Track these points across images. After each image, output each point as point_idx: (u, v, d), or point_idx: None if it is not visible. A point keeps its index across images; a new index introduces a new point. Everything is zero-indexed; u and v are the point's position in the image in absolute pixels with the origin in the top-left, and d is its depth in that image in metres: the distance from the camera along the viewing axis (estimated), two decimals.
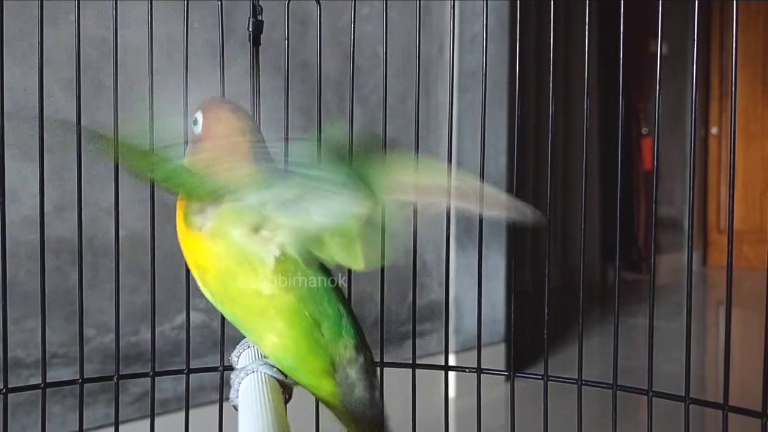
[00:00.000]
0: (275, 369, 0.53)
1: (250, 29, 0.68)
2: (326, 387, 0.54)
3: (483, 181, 0.70)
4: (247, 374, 0.52)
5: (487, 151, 1.63)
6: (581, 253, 0.67)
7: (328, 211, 0.50)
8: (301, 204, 0.50)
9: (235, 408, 0.51)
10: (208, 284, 0.53)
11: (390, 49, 1.45)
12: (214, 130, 0.54)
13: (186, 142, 0.57)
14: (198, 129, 0.55)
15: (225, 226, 0.50)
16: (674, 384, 0.65)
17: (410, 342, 0.71)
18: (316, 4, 0.70)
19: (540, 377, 0.69)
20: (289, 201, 0.50)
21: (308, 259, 0.52)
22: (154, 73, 0.65)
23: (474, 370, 0.70)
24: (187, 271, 0.66)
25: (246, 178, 0.51)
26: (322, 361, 0.53)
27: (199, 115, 0.55)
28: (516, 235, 0.70)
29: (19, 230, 1.01)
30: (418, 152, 0.70)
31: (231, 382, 0.54)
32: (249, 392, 0.48)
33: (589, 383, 0.67)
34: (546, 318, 0.68)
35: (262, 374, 0.52)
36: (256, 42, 0.68)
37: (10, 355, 0.99)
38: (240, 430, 0.43)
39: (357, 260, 0.53)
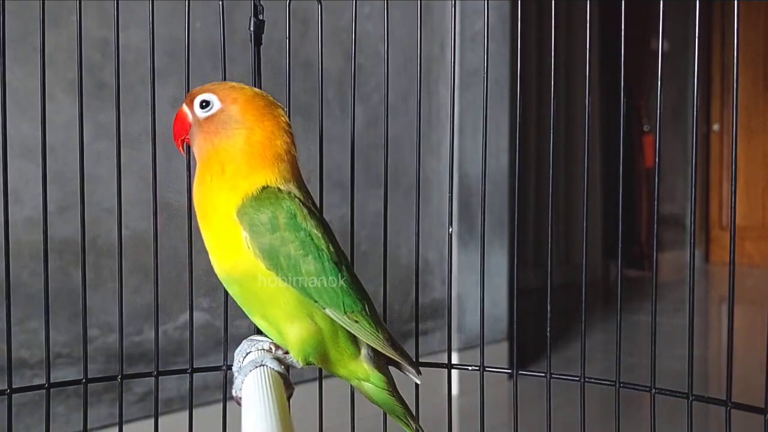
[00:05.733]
0: (282, 365, 0.54)
1: (252, 29, 0.68)
2: (358, 369, 0.56)
3: (484, 179, 0.70)
4: (256, 366, 0.53)
5: (489, 149, 1.63)
6: (584, 251, 0.67)
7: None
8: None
9: (238, 402, 0.51)
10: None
11: (391, 47, 1.45)
12: (242, 105, 0.54)
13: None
14: (213, 109, 0.54)
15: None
16: (677, 381, 0.65)
17: (413, 340, 0.71)
18: (317, 3, 0.70)
19: (543, 375, 0.69)
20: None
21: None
22: (155, 73, 0.66)
23: (477, 368, 0.70)
24: (191, 271, 0.66)
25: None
26: (350, 345, 0.55)
27: (209, 96, 0.54)
28: (518, 232, 0.70)
29: (22, 231, 1.01)
30: (420, 151, 0.70)
31: (235, 374, 0.54)
32: (253, 388, 0.48)
33: (592, 380, 0.67)
34: (549, 316, 0.68)
35: (268, 369, 0.52)
36: (257, 41, 0.68)
37: (14, 355, 0.99)
38: (244, 426, 0.43)
39: None
